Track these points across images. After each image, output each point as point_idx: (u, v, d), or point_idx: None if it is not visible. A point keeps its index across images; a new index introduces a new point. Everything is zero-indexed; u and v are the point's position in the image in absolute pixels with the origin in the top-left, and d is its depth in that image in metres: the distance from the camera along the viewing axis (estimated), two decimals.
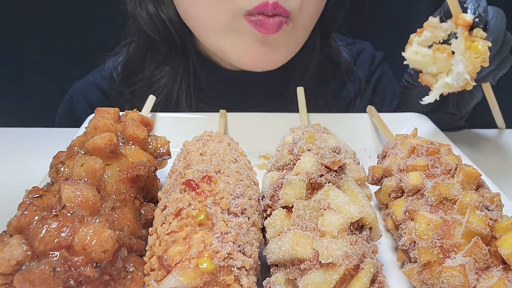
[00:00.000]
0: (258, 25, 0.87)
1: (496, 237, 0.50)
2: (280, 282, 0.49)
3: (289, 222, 0.52)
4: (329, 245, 0.46)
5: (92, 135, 0.61)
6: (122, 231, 0.52)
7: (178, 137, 0.76)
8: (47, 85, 1.57)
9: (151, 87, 1.11)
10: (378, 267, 0.49)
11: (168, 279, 0.44)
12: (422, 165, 0.63)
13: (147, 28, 1.06)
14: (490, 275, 0.48)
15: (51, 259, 0.45)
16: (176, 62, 1.10)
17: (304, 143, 0.60)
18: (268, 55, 0.95)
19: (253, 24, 0.87)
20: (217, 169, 0.58)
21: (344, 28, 1.29)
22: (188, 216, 0.50)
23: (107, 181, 0.57)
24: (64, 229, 0.47)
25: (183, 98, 1.11)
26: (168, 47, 1.09)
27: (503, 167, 0.94)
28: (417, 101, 0.89)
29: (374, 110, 0.97)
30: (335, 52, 1.25)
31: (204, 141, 0.68)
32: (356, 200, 0.53)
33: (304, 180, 0.54)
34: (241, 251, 0.49)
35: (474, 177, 0.57)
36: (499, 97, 0.98)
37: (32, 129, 1.07)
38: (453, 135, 0.99)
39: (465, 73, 0.76)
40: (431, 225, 0.52)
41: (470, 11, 0.77)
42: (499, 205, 0.55)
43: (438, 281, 0.49)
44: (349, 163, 0.63)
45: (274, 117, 0.98)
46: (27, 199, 0.51)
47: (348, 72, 1.26)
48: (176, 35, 1.06)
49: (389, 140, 0.80)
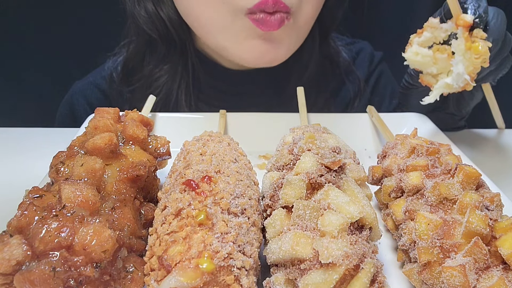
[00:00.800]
0: (260, 23, 0.87)
1: (496, 237, 0.50)
2: (280, 282, 0.49)
3: (289, 222, 0.52)
4: (329, 245, 0.46)
5: (92, 135, 0.61)
6: (122, 231, 0.52)
7: (178, 137, 0.76)
8: (47, 85, 1.57)
9: (150, 86, 1.11)
10: (378, 267, 0.49)
11: (168, 279, 0.44)
12: (422, 165, 0.63)
13: (146, 27, 1.06)
14: (490, 275, 0.48)
15: (51, 259, 0.45)
16: (175, 61, 1.10)
17: (304, 143, 0.60)
18: (270, 51, 0.95)
19: (255, 22, 0.87)
20: (217, 169, 0.58)
21: (344, 28, 1.29)
22: (188, 216, 0.50)
23: (107, 181, 0.57)
24: (64, 229, 0.47)
25: (182, 98, 1.11)
26: (167, 46, 1.09)
27: (503, 167, 0.94)
28: (417, 101, 0.89)
29: (374, 110, 0.97)
30: (334, 52, 1.25)
31: (204, 141, 0.68)
32: (356, 200, 0.53)
33: (304, 180, 0.54)
34: (241, 251, 0.49)
35: (474, 177, 0.57)
36: (499, 97, 0.98)
37: (32, 129, 1.07)
38: (453, 135, 0.99)
39: (465, 74, 0.76)
40: (431, 225, 0.52)
41: (471, 12, 0.77)
42: (499, 205, 0.55)
43: (438, 281, 0.49)
44: (349, 163, 0.63)
45: (274, 117, 0.98)
46: (27, 199, 0.51)
47: (347, 71, 1.26)
48: (175, 34, 1.06)
49: (389, 140, 0.80)
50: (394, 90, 1.29)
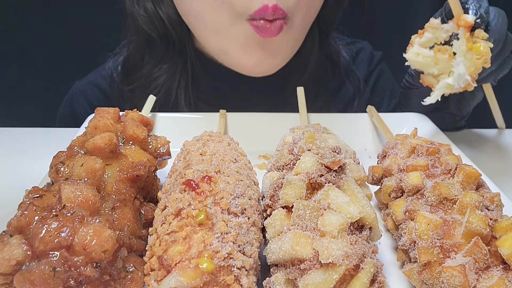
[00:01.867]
0: (260, 30, 0.87)
1: (496, 237, 0.50)
2: (280, 282, 0.49)
3: (289, 222, 0.52)
4: (329, 245, 0.46)
5: (92, 135, 0.61)
6: (122, 231, 0.52)
7: (178, 137, 0.76)
8: (47, 85, 1.57)
9: (150, 85, 1.10)
10: (378, 267, 0.49)
11: (168, 279, 0.44)
12: (422, 165, 0.63)
13: (145, 26, 1.06)
14: (490, 275, 0.48)
15: (51, 259, 0.45)
16: (174, 61, 1.10)
17: (304, 143, 0.60)
18: (268, 58, 0.95)
19: (255, 28, 0.87)
20: (217, 169, 0.58)
21: (344, 27, 1.29)
22: (188, 216, 0.50)
23: (107, 181, 0.57)
24: (64, 229, 0.47)
25: (181, 97, 1.11)
26: (166, 45, 1.08)
27: (503, 167, 0.94)
28: (418, 101, 0.89)
29: (374, 110, 0.97)
30: (335, 51, 1.24)
31: (204, 141, 0.68)
32: (356, 200, 0.53)
33: (304, 180, 0.54)
34: (241, 251, 0.49)
35: (474, 177, 0.57)
36: (499, 97, 0.98)
37: (32, 129, 1.07)
38: (453, 135, 0.99)
39: (467, 74, 0.76)
40: (431, 225, 0.52)
41: (472, 12, 0.77)
42: (499, 205, 0.55)
43: (438, 281, 0.49)
44: (349, 163, 0.63)
45: (274, 117, 0.98)
46: (27, 199, 0.51)
47: (347, 71, 1.26)
48: (174, 33, 1.05)
49: (389, 140, 0.80)
50: (394, 89, 1.29)
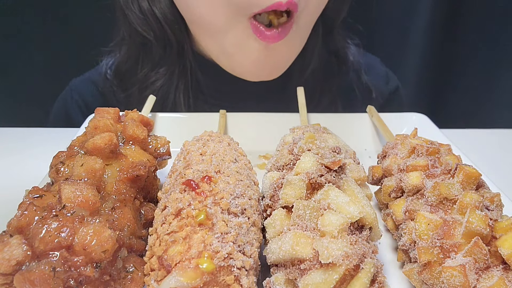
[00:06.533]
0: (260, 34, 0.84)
1: (496, 237, 0.50)
2: (280, 282, 0.49)
3: (289, 222, 0.52)
4: (329, 245, 0.46)
5: (92, 135, 0.61)
6: (122, 231, 0.52)
7: (178, 137, 0.76)
8: (47, 85, 1.57)
9: (146, 89, 1.06)
10: (378, 267, 0.49)
11: (168, 279, 0.44)
12: (422, 165, 0.63)
13: (141, 28, 1.00)
14: (490, 275, 0.48)
15: (51, 259, 0.45)
16: (172, 63, 1.06)
17: (304, 143, 0.60)
18: (269, 58, 0.92)
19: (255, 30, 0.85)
20: (217, 169, 0.58)
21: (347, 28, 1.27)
22: (188, 216, 0.50)
23: (107, 181, 0.57)
24: (64, 229, 0.47)
25: (180, 100, 1.08)
26: (163, 48, 1.04)
27: (503, 167, 0.94)
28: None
29: (374, 110, 0.97)
30: (341, 47, 1.20)
31: (204, 141, 0.68)
32: (356, 200, 0.53)
33: (304, 180, 0.54)
34: (241, 251, 0.49)
35: (474, 177, 0.57)
36: (499, 96, 0.98)
37: (32, 129, 1.07)
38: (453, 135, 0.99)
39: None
40: (431, 225, 0.52)
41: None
42: (499, 205, 0.55)
43: (438, 281, 0.49)
44: (349, 163, 0.63)
45: (274, 117, 0.98)
46: (27, 199, 0.51)
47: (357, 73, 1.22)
48: (172, 35, 1.01)
49: (389, 140, 0.80)
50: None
